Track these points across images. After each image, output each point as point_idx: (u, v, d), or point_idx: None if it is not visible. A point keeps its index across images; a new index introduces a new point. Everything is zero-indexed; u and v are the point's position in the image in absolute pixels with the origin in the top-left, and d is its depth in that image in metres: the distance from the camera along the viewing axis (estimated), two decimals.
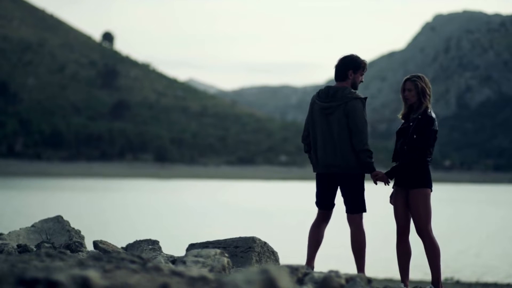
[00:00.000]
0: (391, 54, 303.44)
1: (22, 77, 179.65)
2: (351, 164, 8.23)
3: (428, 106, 8.32)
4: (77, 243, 8.69)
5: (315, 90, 12.68)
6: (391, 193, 8.56)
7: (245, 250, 8.28)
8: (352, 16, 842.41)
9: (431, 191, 8.36)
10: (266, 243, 8.49)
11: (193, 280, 4.79)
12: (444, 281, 17.05)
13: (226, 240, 8.49)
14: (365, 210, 8.38)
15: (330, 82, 8.63)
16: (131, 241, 9.33)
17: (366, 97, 8.34)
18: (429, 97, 8.36)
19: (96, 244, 8.70)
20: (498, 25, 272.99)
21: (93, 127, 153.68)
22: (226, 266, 6.36)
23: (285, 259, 9.40)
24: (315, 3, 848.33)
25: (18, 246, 8.41)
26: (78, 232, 9.13)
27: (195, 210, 44.03)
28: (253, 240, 8.39)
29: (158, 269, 4.91)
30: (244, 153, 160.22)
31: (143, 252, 8.74)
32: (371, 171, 8.31)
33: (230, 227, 31.95)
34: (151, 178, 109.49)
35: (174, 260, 8.06)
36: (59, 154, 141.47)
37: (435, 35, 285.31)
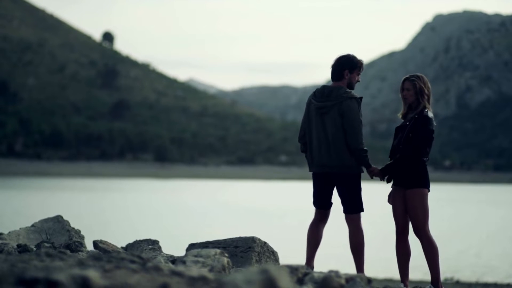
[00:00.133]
0: (391, 54, 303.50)
1: (22, 77, 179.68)
2: (346, 163, 8.23)
3: (425, 105, 8.33)
4: (77, 243, 8.69)
5: None
6: (390, 192, 8.56)
7: (245, 250, 8.28)
8: (352, 16, 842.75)
9: (429, 191, 8.36)
10: (266, 243, 8.49)
11: (193, 280, 4.79)
12: (444, 281, 17.05)
13: (226, 240, 8.49)
14: (362, 210, 8.38)
15: (330, 82, 8.62)
16: (131, 241, 9.32)
17: (361, 96, 8.32)
18: (427, 97, 8.37)
19: (96, 244, 8.70)
20: (498, 25, 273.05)
21: (93, 127, 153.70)
22: (226, 266, 6.35)
23: (285, 259, 9.40)
24: (315, 3, 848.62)
25: (18, 246, 8.41)
26: (78, 232, 9.13)
27: (195, 210, 44.02)
28: (253, 240, 8.39)
29: (158, 269, 4.91)
30: (244, 153, 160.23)
31: (143, 252, 8.73)
32: (367, 167, 8.34)
33: (230, 227, 31.95)
34: (151, 178, 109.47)
35: (174, 260, 8.06)
36: (59, 154, 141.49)
37: (435, 35, 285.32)
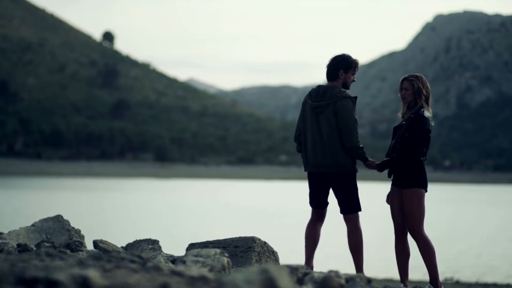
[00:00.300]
0: (392, 54, 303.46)
1: (22, 76, 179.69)
2: (341, 163, 8.22)
3: (422, 105, 8.34)
4: (77, 243, 8.69)
5: None
6: (388, 193, 8.56)
7: (245, 250, 8.28)
8: (352, 16, 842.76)
9: (426, 192, 8.34)
10: (266, 243, 8.49)
11: (193, 279, 4.79)
12: (444, 281, 17.04)
13: (226, 240, 8.49)
14: (360, 209, 8.35)
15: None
16: (131, 240, 9.32)
17: (356, 96, 8.34)
18: (425, 97, 8.38)
19: (96, 243, 8.70)
20: (498, 25, 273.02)
21: (93, 127, 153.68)
22: (226, 266, 6.35)
23: (285, 259, 9.40)
24: (315, 3, 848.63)
25: (18, 245, 8.41)
26: (78, 231, 9.12)
27: (195, 209, 44.02)
28: (253, 240, 8.38)
29: (158, 268, 4.91)
30: (244, 153, 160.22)
31: (143, 251, 8.73)
32: (365, 162, 8.35)
33: (230, 227, 31.94)
34: (151, 178, 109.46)
35: (174, 259, 8.06)
36: (59, 154, 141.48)
37: (436, 35, 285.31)
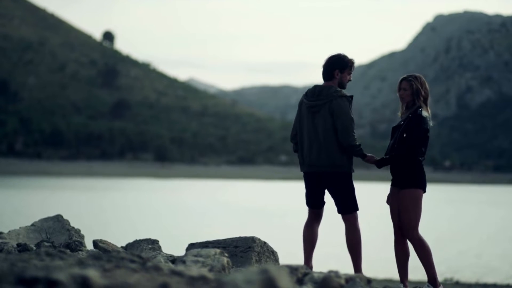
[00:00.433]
0: (392, 54, 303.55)
1: (23, 76, 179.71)
2: (337, 163, 8.21)
3: (421, 105, 8.33)
4: (77, 242, 8.69)
5: None
6: (388, 194, 8.55)
7: (244, 250, 8.27)
8: (352, 16, 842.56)
9: (424, 192, 8.31)
10: (265, 243, 8.48)
11: (192, 279, 4.78)
12: (443, 281, 17.03)
13: (225, 239, 8.49)
14: (357, 209, 8.32)
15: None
16: (131, 240, 9.32)
17: (351, 95, 8.33)
18: (423, 98, 8.38)
19: (96, 243, 8.70)
20: (498, 25, 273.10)
21: (93, 127, 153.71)
22: (226, 265, 6.35)
23: (284, 259, 9.40)
24: (315, 3, 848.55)
25: (18, 245, 8.41)
26: (78, 231, 9.12)
27: (195, 209, 44.02)
28: (252, 240, 8.38)
29: (157, 268, 4.90)
30: (244, 152, 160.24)
31: (143, 251, 8.73)
32: (363, 158, 8.32)
33: (230, 227, 31.94)
34: (151, 178, 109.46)
35: (173, 259, 8.06)
36: (59, 153, 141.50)
37: (436, 36, 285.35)
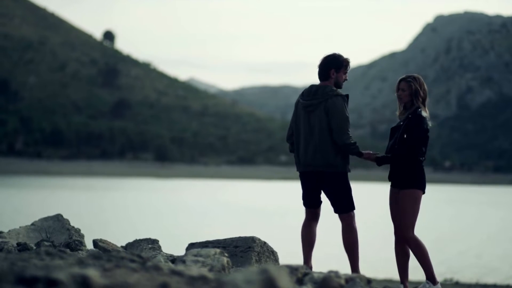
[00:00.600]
0: (392, 55, 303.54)
1: (23, 75, 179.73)
2: (332, 162, 8.19)
3: (419, 106, 8.33)
4: (77, 242, 8.68)
5: None
6: (389, 195, 8.53)
7: (244, 250, 8.27)
8: (352, 16, 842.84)
9: (424, 193, 8.29)
10: (265, 243, 8.48)
11: (192, 279, 4.78)
12: (443, 282, 17.04)
13: (225, 239, 8.48)
14: (353, 208, 8.30)
15: None
16: (131, 240, 9.31)
17: (347, 94, 8.32)
18: (422, 98, 8.37)
19: (96, 243, 8.69)
20: (499, 26, 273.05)
21: (93, 126, 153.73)
22: (226, 265, 6.35)
23: (284, 259, 9.39)
24: (315, 3, 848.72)
25: (18, 244, 8.40)
26: (78, 230, 9.12)
27: (195, 209, 44.02)
28: (252, 240, 8.37)
29: (157, 268, 4.90)
30: (244, 152, 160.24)
31: (143, 251, 8.73)
32: (360, 156, 8.30)
33: (230, 227, 31.94)
34: (151, 177, 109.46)
35: (173, 259, 8.05)
36: (60, 153, 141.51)
37: (436, 36, 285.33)
